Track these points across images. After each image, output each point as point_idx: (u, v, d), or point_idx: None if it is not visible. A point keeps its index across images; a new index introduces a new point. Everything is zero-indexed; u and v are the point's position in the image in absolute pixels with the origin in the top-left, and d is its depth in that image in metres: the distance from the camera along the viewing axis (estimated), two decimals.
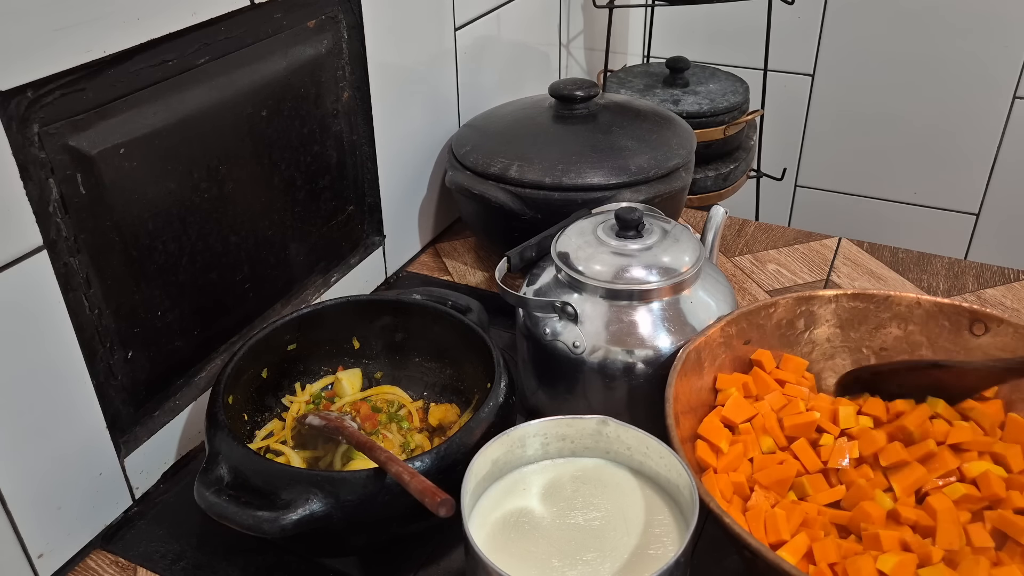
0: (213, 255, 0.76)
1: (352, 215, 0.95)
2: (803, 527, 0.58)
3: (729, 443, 0.64)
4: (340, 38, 0.86)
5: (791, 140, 1.68)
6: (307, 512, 0.58)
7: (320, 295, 0.91)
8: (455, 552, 0.68)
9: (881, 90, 1.56)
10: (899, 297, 0.72)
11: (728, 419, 0.65)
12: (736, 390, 0.67)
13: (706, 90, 1.33)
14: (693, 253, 0.72)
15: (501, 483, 0.61)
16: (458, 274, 1.06)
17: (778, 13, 1.40)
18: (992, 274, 1.00)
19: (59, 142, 0.60)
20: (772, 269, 1.03)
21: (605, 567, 0.54)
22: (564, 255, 0.73)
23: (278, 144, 0.81)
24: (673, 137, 0.99)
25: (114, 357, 0.68)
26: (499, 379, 0.69)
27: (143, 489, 0.73)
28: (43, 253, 0.60)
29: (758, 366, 0.70)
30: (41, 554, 0.65)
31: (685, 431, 0.63)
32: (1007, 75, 1.46)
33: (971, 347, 0.70)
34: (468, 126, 1.05)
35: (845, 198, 1.69)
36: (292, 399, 0.77)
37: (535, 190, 0.93)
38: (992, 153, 1.53)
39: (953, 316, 0.70)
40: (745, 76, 1.43)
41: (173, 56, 0.67)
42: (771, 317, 0.72)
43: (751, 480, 0.62)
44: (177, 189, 0.71)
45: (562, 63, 1.39)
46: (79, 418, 0.65)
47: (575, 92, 0.99)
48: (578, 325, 0.70)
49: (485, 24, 1.11)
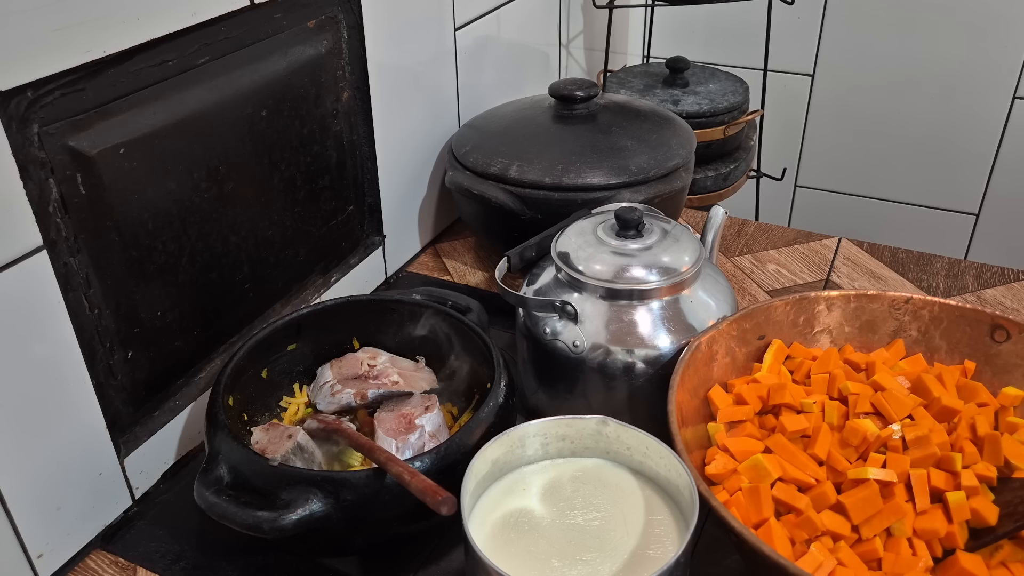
0: (213, 255, 0.76)
1: (352, 215, 0.95)
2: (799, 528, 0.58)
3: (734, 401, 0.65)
4: (340, 38, 0.86)
5: (791, 140, 1.68)
6: (307, 512, 0.58)
7: (320, 295, 0.91)
8: (455, 552, 0.68)
9: (881, 90, 1.56)
10: (919, 300, 0.72)
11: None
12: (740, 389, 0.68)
13: (706, 90, 1.33)
14: (693, 253, 0.72)
15: (501, 483, 0.61)
16: (458, 274, 1.06)
17: (778, 13, 1.40)
18: (992, 274, 1.00)
19: (59, 142, 0.60)
20: (772, 269, 1.03)
21: (605, 567, 0.54)
22: (564, 255, 0.73)
23: (278, 144, 0.81)
24: (673, 137, 0.99)
25: (114, 357, 0.68)
26: (499, 379, 0.69)
27: (143, 489, 0.73)
28: (43, 253, 0.60)
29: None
30: (41, 554, 0.65)
31: (687, 431, 0.63)
32: (1007, 75, 1.46)
33: (991, 354, 0.69)
34: (468, 126, 1.05)
35: (845, 198, 1.69)
36: (292, 399, 0.77)
37: (535, 190, 0.93)
38: (992, 153, 1.53)
39: (974, 321, 0.70)
40: (745, 76, 1.43)
41: (173, 56, 0.67)
42: (783, 315, 0.72)
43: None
44: (177, 189, 0.71)
45: (562, 63, 1.39)
46: (79, 418, 0.65)
47: (575, 92, 0.99)
48: (578, 325, 0.70)
49: (485, 24, 1.11)
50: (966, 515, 0.57)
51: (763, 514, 0.58)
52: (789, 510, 0.59)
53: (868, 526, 0.57)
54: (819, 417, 0.64)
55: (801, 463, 0.61)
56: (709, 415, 0.68)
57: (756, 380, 0.68)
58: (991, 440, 0.61)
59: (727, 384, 0.69)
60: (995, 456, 0.60)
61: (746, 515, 0.59)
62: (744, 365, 0.71)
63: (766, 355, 0.71)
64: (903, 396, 0.65)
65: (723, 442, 0.64)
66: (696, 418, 0.66)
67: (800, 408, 0.65)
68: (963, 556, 0.56)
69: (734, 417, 0.66)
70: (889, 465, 0.59)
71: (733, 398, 0.68)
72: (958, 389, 0.67)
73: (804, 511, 0.58)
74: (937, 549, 0.57)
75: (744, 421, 0.66)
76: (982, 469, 0.59)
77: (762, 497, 0.58)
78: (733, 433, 0.65)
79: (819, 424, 0.63)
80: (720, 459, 0.62)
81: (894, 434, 0.61)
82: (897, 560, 0.56)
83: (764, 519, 0.58)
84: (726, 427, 0.66)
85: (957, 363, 0.70)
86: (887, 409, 0.63)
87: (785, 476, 0.60)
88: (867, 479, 0.58)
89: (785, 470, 0.60)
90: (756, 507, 0.59)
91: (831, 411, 0.64)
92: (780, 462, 0.61)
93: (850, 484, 0.59)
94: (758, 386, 0.67)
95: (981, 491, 0.58)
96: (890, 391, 0.65)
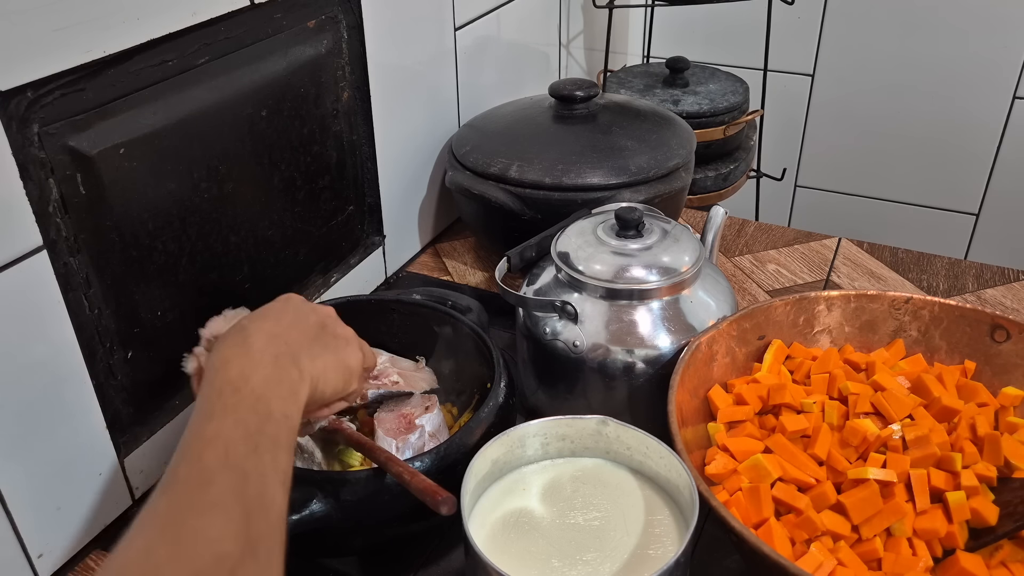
0: (213, 255, 0.76)
1: (352, 215, 0.95)
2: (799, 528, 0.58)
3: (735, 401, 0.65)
4: (340, 38, 0.86)
5: (791, 140, 1.68)
6: (307, 512, 0.58)
7: (320, 295, 0.91)
8: (455, 552, 0.68)
9: (881, 90, 1.56)
10: (920, 300, 0.72)
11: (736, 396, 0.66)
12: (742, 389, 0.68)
13: (706, 90, 1.33)
14: (693, 253, 0.72)
15: (501, 483, 0.61)
16: (458, 274, 1.06)
17: (778, 13, 1.40)
18: (992, 274, 1.00)
19: (59, 142, 0.60)
20: (772, 269, 1.03)
21: (605, 567, 0.54)
22: (564, 255, 0.73)
23: (278, 144, 0.81)
24: (673, 137, 0.99)
25: (114, 357, 0.68)
26: (499, 379, 0.69)
27: (143, 489, 0.73)
28: (43, 253, 0.60)
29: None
30: (41, 554, 0.65)
31: (687, 431, 0.63)
32: (1007, 75, 1.46)
33: (991, 354, 0.69)
34: (468, 126, 1.05)
35: (845, 198, 1.69)
36: None
37: (535, 190, 0.93)
38: (992, 153, 1.53)
39: (974, 321, 0.70)
40: (745, 76, 1.43)
41: (173, 56, 0.67)
42: (783, 315, 0.72)
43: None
44: (177, 189, 0.71)
45: (562, 63, 1.39)
46: (79, 418, 0.65)
47: (575, 92, 0.99)
48: (578, 325, 0.70)
49: (485, 24, 1.11)
50: (966, 515, 0.57)
51: (763, 514, 0.58)
52: (789, 510, 0.59)
53: (868, 526, 0.57)
54: (819, 417, 0.64)
55: (801, 463, 0.61)
56: (709, 415, 0.68)
57: (756, 380, 0.69)
58: (991, 440, 0.61)
59: (727, 384, 0.69)
60: (995, 456, 0.60)
61: (746, 515, 0.59)
62: (744, 365, 0.71)
63: (766, 355, 0.71)
64: (903, 396, 0.65)
65: (723, 442, 0.64)
66: (696, 418, 0.66)
67: (800, 408, 0.65)
68: (963, 556, 0.56)
69: (734, 417, 0.66)
70: (889, 465, 0.59)
71: (733, 398, 0.68)
72: (958, 389, 0.67)
73: (804, 511, 0.58)
74: (937, 549, 0.57)
75: (744, 421, 0.66)
76: (982, 469, 0.59)
77: (762, 497, 0.59)
78: (733, 433, 0.65)
79: (819, 424, 0.63)
80: (720, 459, 0.62)
81: (894, 434, 0.61)
82: (897, 560, 0.56)
83: (764, 519, 0.58)
84: (726, 427, 0.66)
85: (957, 363, 0.70)
86: (887, 409, 0.63)
87: (785, 476, 0.60)
88: (867, 479, 0.58)
89: (785, 470, 0.60)
90: (756, 507, 0.59)
91: (831, 411, 0.64)
92: (780, 462, 0.61)
93: (850, 484, 0.59)
94: (758, 386, 0.67)
95: (981, 491, 0.58)
96: (890, 391, 0.65)
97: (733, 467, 0.62)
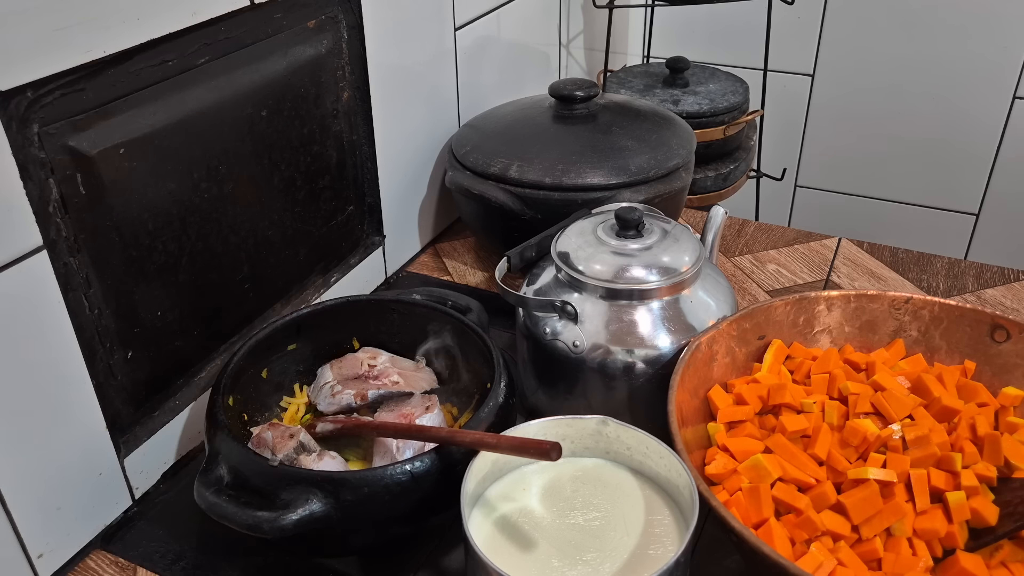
0: (213, 255, 0.76)
1: (352, 215, 0.95)
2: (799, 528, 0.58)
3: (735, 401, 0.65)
4: (340, 38, 0.86)
5: (791, 140, 1.68)
6: (307, 512, 0.58)
7: (320, 295, 0.91)
8: (455, 552, 0.68)
9: (881, 90, 1.56)
10: (920, 300, 0.72)
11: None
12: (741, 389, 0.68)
13: (706, 90, 1.33)
14: (693, 253, 0.72)
15: (501, 483, 0.61)
16: (458, 274, 1.06)
17: (778, 13, 1.40)
18: (992, 274, 1.00)
19: (59, 142, 0.60)
20: (772, 269, 1.03)
21: (605, 567, 0.54)
22: (564, 255, 0.73)
23: (278, 144, 0.81)
24: (673, 137, 0.99)
25: (114, 357, 0.68)
26: (499, 379, 0.69)
27: (143, 489, 0.73)
28: (43, 253, 0.60)
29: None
30: (41, 554, 0.65)
31: (687, 431, 0.63)
32: (1007, 75, 1.46)
33: (991, 354, 0.69)
34: (468, 126, 1.05)
35: (845, 198, 1.69)
36: (292, 399, 0.77)
37: (535, 190, 0.93)
38: (992, 153, 1.53)
39: (974, 321, 0.70)
40: (745, 76, 1.43)
41: (173, 56, 0.67)
42: (783, 315, 0.72)
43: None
44: (177, 189, 0.71)
45: (562, 63, 1.39)
46: (79, 418, 0.65)
47: (575, 92, 0.99)
48: (578, 325, 0.70)
49: (485, 24, 1.11)
50: (966, 515, 0.57)
51: (763, 514, 0.58)
52: (789, 510, 0.59)
53: (868, 526, 0.57)
54: (819, 417, 0.64)
55: (801, 463, 0.61)
56: (709, 415, 0.68)
57: (756, 380, 0.68)
58: (991, 440, 0.61)
59: (727, 384, 0.69)
60: (995, 456, 0.60)
61: (746, 515, 0.59)
62: (744, 365, 0.71)
63: (766, 355, 0.71)
64: (903, 396, 0.65)
65: (723, 442, 0.64)
66: (696, 418, 0.66)
67: (800, 408, 0.65)
68: (963, 556, 0.56)
69: (734, 417, 0.66)
70: (889, 465, 0.59)
71: (733, 398, 0.68)
72: (958, 389, 0.67)
73: (804, 511, 0.58)
74: (937, 549, 0.57)
75: (744, 421, 0.66)
76: (982, 469, 0.59)
77: (762, 497, 0.59)
78: (733, 433, 0.65)
79: (819, 424, 0.63)
80: (720, 459, 0.62)
81: (894, 434, 0.61)
82: (897, 560, 0.56)
83: (764, 519, 0.58)
84: (726, 427, 0.66)
85: (957, 363, 0.70)
86: (887, 409, 0.63)
87: (785, 476, 0.60)
88: (867, 479, 0.58)
89: (785, 470, 0.60)
90: (756, 507, 0.59)
91: (831, 411, 0.64)
92: (780, 462, 0.61)
93: (850, 484, 0.59)
94: (758, 386, 0.67)
95: (981, 491, 0.58)
96: (890, 391, 0.65)
97: (733, 467, 0.62)
